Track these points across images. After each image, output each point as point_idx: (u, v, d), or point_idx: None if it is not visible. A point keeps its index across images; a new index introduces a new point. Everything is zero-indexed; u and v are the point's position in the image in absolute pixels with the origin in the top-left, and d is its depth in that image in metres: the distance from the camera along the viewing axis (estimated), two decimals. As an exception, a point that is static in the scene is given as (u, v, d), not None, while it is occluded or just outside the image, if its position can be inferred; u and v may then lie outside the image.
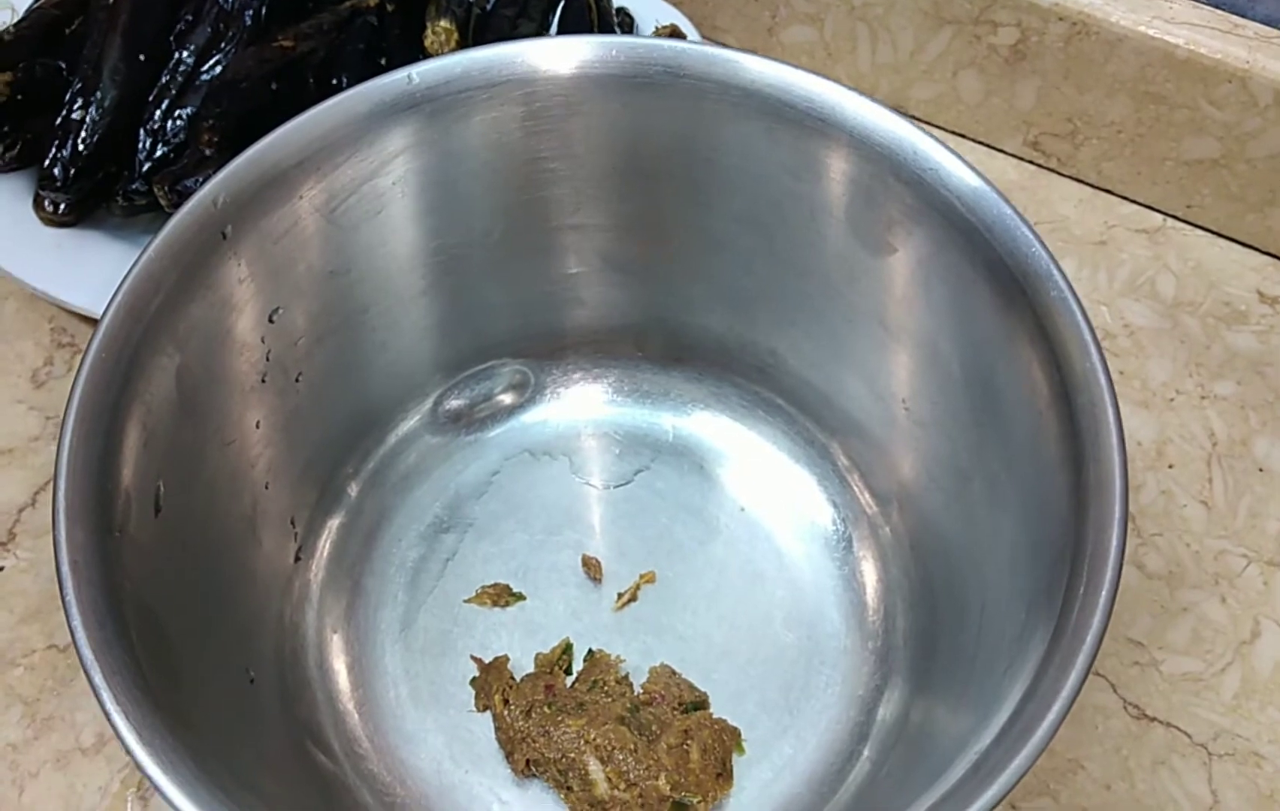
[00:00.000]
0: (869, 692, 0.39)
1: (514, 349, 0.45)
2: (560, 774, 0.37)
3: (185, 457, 0.34)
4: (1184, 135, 0.49)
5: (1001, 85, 0.51)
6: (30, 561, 0.42)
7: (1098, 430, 0.31)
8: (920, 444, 0.40)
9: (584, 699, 0.38)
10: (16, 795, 0.38)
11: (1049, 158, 0.53)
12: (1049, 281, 0.34)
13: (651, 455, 0.44)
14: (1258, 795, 0.38)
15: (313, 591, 0.41)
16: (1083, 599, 0.29)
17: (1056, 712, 0.28)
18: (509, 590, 0.41)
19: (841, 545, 0.42)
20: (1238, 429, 0.45)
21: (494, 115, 0.39)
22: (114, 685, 0.27)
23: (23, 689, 0.40)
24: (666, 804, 0.36)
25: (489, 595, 0.41)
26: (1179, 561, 0.42)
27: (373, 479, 0.43)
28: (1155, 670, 0.40)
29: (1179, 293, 0.49)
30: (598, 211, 0.42)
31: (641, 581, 0.41)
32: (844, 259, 0.40)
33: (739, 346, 0.44)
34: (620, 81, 0.38)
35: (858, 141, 0.37)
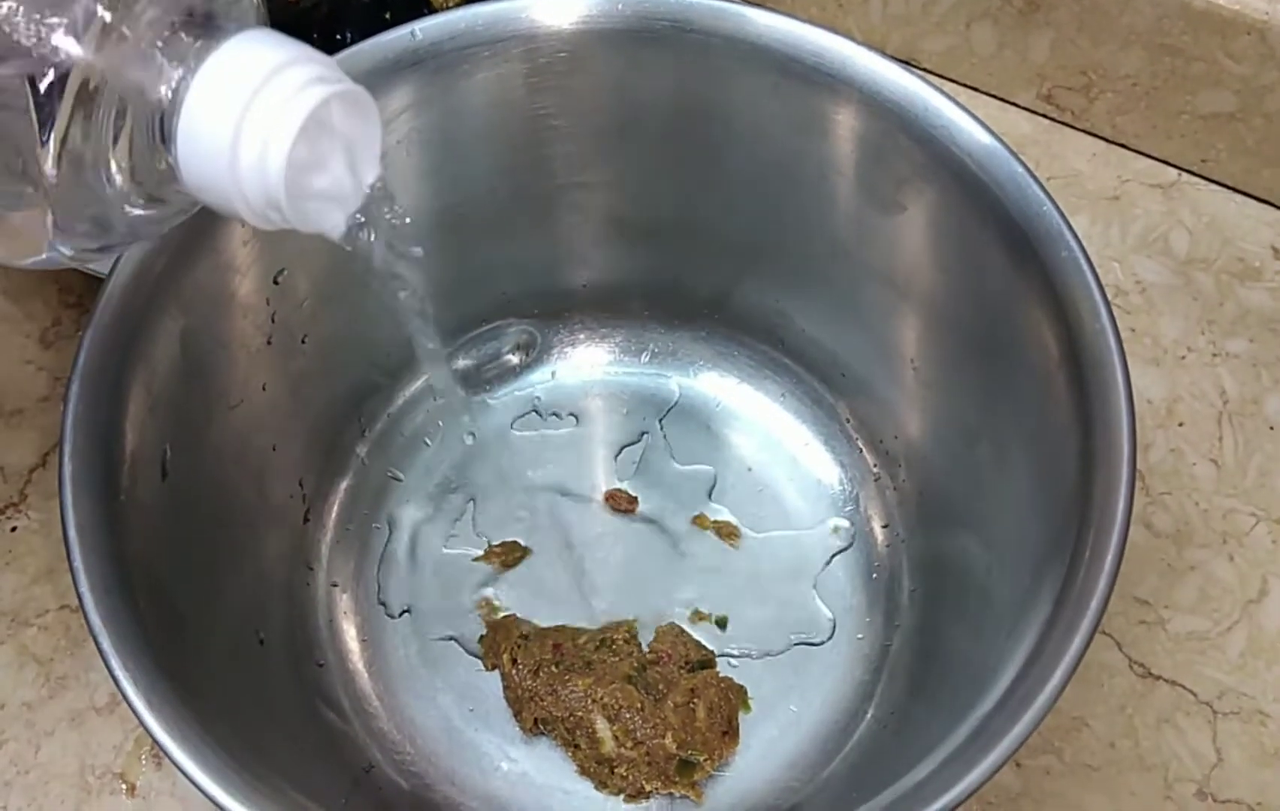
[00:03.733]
0: (875, 652, 0.39)
1: (520, 309, 0.44)
2: (568, 732, 0.37)
3: (192, 421, 0.34)
4: (1200, 88, 0.48)
5: (1015, 37, 0.50)
6: (42, 521, 0.43)
7: (1107, 393, 0.31)
8: (928, 404, 0.40)
9: (591, 658, 0.38)
10: (32, 753, 0.38)
11: (1063, 111, 0.52)
12: (1060, 241, 0.33)
13: (658, 415, 0.44)
14: (1262, 753, 0.38)
15: (321, 552, 0.41)
16: (1089, 562, 0.29)
17: (1061, 675, 0.28)
18: (517, 546, 0.42)
19: (848, 505, 0.42)
20: (1249, 387, 0.45)
21: (497, 72, 0.38)
22: (122, 650, 0.28)
23: (37, 648, 0.40)
24: (673, 761, 0.36)
25: (496, 555, 0.41)
26: (1187, 520, 0.42)
27: (380, 440, 0.43)
28: (1161, 629, 0.40)
29: (1192, 249, 0.49)
30: (603, 169, 0.41)
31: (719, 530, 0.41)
32: (853, 217, 0.39)
33: (746, 306, 0.44)
34: (625, 36, 0.38)
35: (867, 97, 0.36)
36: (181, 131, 0.24)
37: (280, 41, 0.24)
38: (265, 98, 0.23)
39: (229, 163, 0.23)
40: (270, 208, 0.24)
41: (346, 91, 0.25)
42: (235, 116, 0.23)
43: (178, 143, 0.24)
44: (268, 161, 0.23)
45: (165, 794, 0.38)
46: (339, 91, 0.24)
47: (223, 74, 0.24)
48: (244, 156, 0.23)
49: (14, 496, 0.43)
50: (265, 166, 0.24)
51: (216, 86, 0.24)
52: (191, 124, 0.24)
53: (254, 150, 0.23)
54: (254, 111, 0.23)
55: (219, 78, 0.24)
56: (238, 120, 0.23)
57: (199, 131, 0.24)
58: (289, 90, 0.24)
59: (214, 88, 0.24)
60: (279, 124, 0.23)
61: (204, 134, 0.24)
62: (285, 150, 0.23)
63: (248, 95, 0.23)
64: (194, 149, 0.24)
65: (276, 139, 0.23)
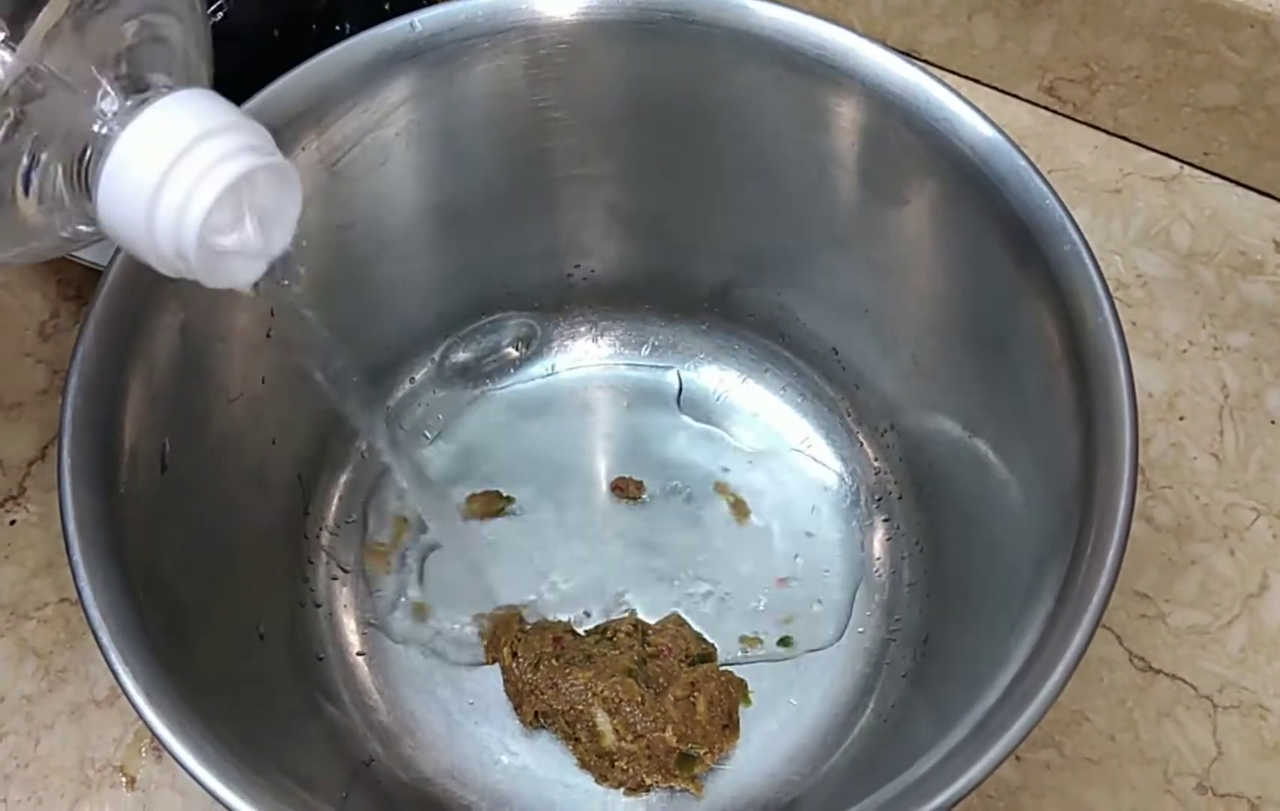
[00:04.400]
0: (875, 645, 0.39)
1: (520, 302, 0.44)
2: (568, 726, 0.37)
3: (191, 414, 0.34)
4: (1203, 81, 0.48)
5: (1017, 29, 0.50)
6: (41, 514, 0.42)
7: (1109, 387, 0.31)
8: (929, 398, 0.40)
9: (592, 651, 0.38)
10: (32, 746, 0.38)
11: (1064, 104, 0.52)
12: (1062, 235, 0.33)
13: (659, 407, 0.44)
14: (1262, 747, 0.38)
15: (321, 546, 0.41)
16: (1091, 557, 0.29)
17: (1063, 670, 0.28)
18: (499, 496, 0.41)
19: (849, 498, 0.42)
20: (1250, 381, 0.45)
21: (498, 63, 0.38)
22: (121, 644, 0.28)
23: (36, 641, 0.40)
24: (673, 755, 0.36)
25: (478, 503, 0.41)
26: (1188, 514, 0.42)
27: (380, 433, 0.43)
28: (1162, 623, 0.40)
29: (1194, 242, 0.49)
30: (603, 161, 0.41)
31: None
32: (854, 210, 0.39)
33: (747, 298, 0.43)
34: (626, 27, 0.38)
35: (869, 90, 0.36)
36: (105, 176, 0.25)
37: (216, 106, 0.25)
38: (192, 158, 0.24)
39: (146, 214, 0.24)
40: (179, 259, 0.25)
41: (273, 165, 0.26)
42: (160, 171, 0.24)
43: (100, 185, 0.25)
44: (185, 219, 0.24)
45: (165, 787, 0.38)
46: (266, 165, 0.25)
47: (154, 128, 0.25)
48: (162, 210, 0.24)
49: (13, 489, 0.43)
50: (181, 223, 0.24)
51: (147, 139, 0.24)
52: (115, 172, 0.24)
53: (173, 206, 0.24)
54: (179, 170, 0.24)
55: (151, 131, 0.24)
56: (162, 175, 0.24)
57: (121, 180, 0.25)
58: (216, 155, 0.24)
59: (144, 140, 0.24)
60: (201, 185, 0.24)
61: (126, 183, 0.24)
62: (204, 210, 0.24)
63: (176, 153, 0.24)
64: (114, 195, 0.25)
65: (196, 199, 0.24)
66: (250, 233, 0.26)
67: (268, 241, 0.26)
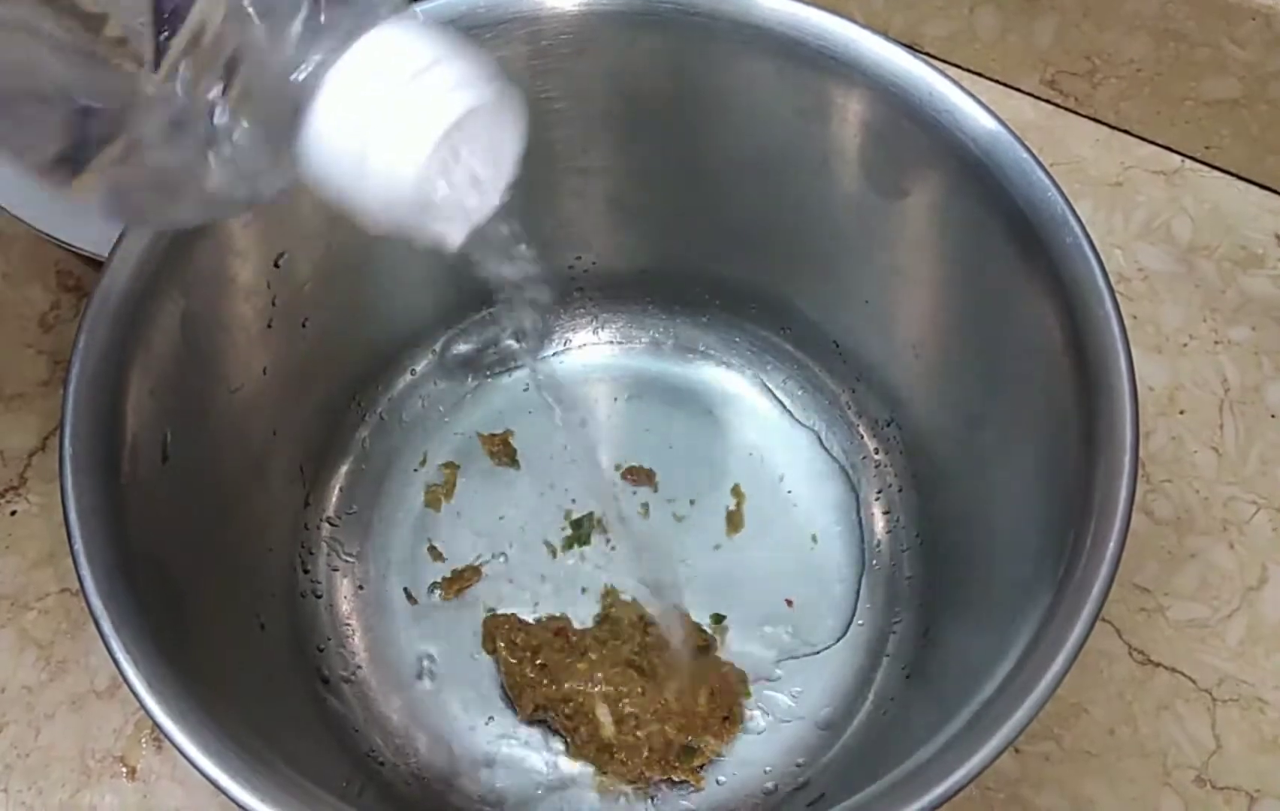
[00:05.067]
0: (875, 637, 0.39)
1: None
2: (568, 718, 0.37)
3: (192, 404, 0.34)
4: (1204, 74, 0.48)
5: (1019, 22, 0.50)
6: (42, 505, 0.43)
7: (1110, 380, 0.31)
8: (931, 390, 0.40)
9: (591, 643, 0.38)
10: (33, 737, 0.38)
11: (1066, 97, 0.52)
12: (1064, 227, 0.33)
13: (660, 400, 0.44)
14: (1261, 740, 0.38)
15: (322, 537, 0.41)
16: (1090, 550, 0.29)
17: (1062, 662, 0.28)
18: (507, 442, 0.42)
19: (850, 491, 0.42)
20: (1251, 375, 0.45)
21: (500, 54, 0.38)
22: (123, 633, 0.28)
23: (37, 632, 0.40)
24: (673, 747, 0.37)
25: (489, 443, 0.42)
26: (1188, 507, 0.42)
27: (381, 424, 0.43)
28: (1161, 616, 0.40)
29: (1195, 236, 0.48)
30: (605, 153, 0.41)
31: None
32: (856, 203, 0.39)
33: (748, 291, 0.43)
34: (629, 18, 0.38)
35: (871, 82, 0.36)
36: (312, 122, 0.22)
37: (427, 35, 0.23)
38: (409, 98, 0.22)
39: (358, 164, 0.22)
40: (393, 220, 0.23)
41: (494, 98, 0.23)
42: (372, 117, 0.22)
43: (306, 132, 0.22)
44: (399, 171, 0.22)
45: (165, 777, 0.38)
46: (485, 100, 0.22)
47: (364, 68, 0.22)
48: (375, 162, 0.22)
49: (14, 480, 0.43)
50: (396, 175, 0.22)
51: (355, 81, 0.22)
52: (323, 116, 0.22)
53: (386, 157, 0.22)
54: (394, 114, 0.22)
55: (359, 72, 0.22)
56: (374, 121, 0.22)
57: (330, 126, 0.22)
58: (432, 91, 0.22)
59: (352, 82, 0.22)
60: (418, 132, 0.22)
61: (335, 130, 0.22)
62: (421, 162, 0.22)
63: (390, 93, 0.21)
64: (322, 142, 0.22)
65: (413, 148, 0.22)
66: (468, 188, 0.23)
67: (484, 193, 0.24)
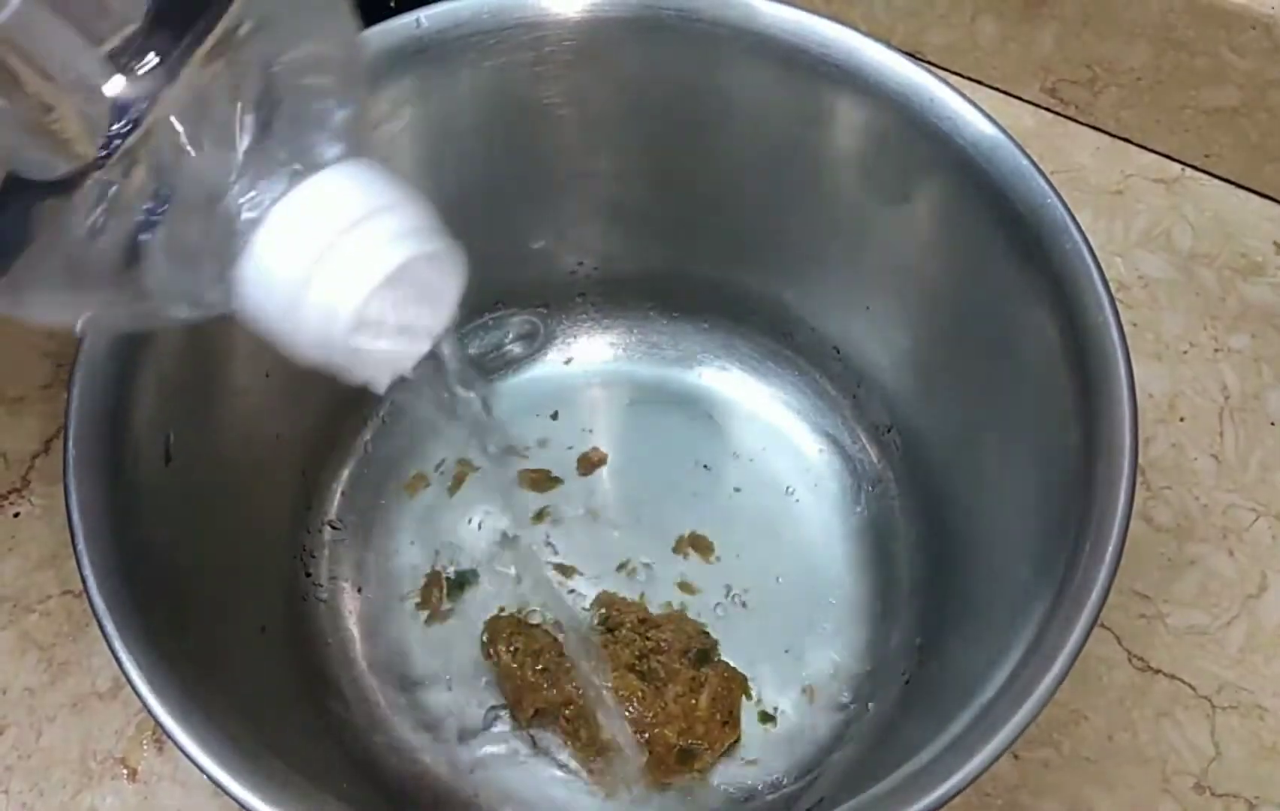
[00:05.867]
0: (874, 642, 0.39)
1: (524, 299, 0.45)
2: (568, 721, 0.37)
3: (195, 407, 0.35)
4: (1204, 83, 0.48)
5: (1020, 30, 0.50)
6: (44, 508, 0.43)
7: (1109, 386, 0.31)
8: (930, 396, 0.40)
9: (591, 646, 0.38)
10: (34, 738, 0.38)
11: (1067, 105, 0.52)
12: (1064, 234, 0.33)
13: (661, 405, 0.44)
14: (1260, 747, 0.38)
15: (324, 541, 0.41)
16: (1089, 555, 0.29)
17: (1060, 667, 0.28)
18: (548, 475, 0.42)
19: (849, 496, 0.42)
20: (1251, 382, 0.45)
21: (503, 61, 0.38)
22: (125, 632, 0.28)
23: (39, 634, 0.40)
24: (673, 751, 0.37)
25: (529, 479, 0.42)
26: (1188, 514, 0.42)
27: (384, 429, 0.43)
28: (1161, 623, 0.40)
29: (1195, 244, 0.49)
30: (608, 159, 0.41)
31: None
32: (857, 209, 0.39)
33: (749, 297, 0.44)
34: (632, 25, 0.38)
35: (873, 89, 0.36)
36: (250, 255, 0.22)
37: (373, 181, 0.23)
38: (350, 244, 0.22)
39: (293, 303, 0.22)
40: (323, 356, 0.23)
41: (434, 251, 0.23)
42: (311, 259, 0.21)
43: (243, 262, 0.22)
44: (333, 315, 0.22)
45: (166, 779, 0.38)
46: (425, 253, 0.23)
47: (308, 209, 0.22)
48: (310, 303, 0.22)
49: (16, 482, 0.43)
50: (331, 318, 0.22)
51: (298, 221, 0.22)
52: (262, 251, 0.22)
53: (321, 299, 0.22)
54: (333, 259, 0.22)
55: (304, 212, 0.22)
56: (313, 264, 0.21)
57: (268, 261, 0.22)
58: (372, 241, 0.22)
59: (295, 222, 0.22)
60: (356, 279, 0.22)
61: (273, 266, 0.22)
62: (356, 307, 0.22)
63: (332, 237, 0.22)
64: (259, 275, 0.22)
65: (350, 294, 0.22)
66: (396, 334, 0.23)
67: (416, 339, 0.24)
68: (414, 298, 0.23)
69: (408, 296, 0.23)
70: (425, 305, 0.24)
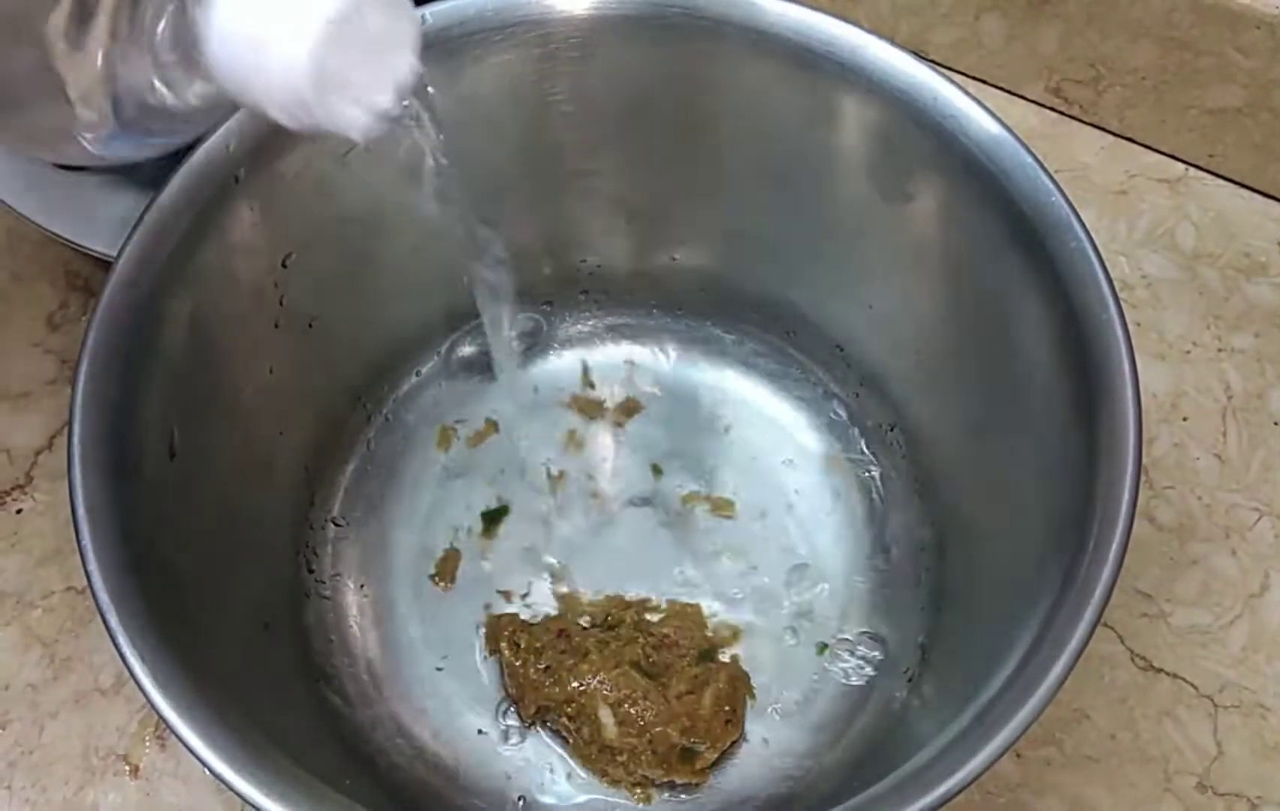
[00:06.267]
0: (877, 642, 0.39)
1: (527, 296, 0.44)
2: (570, 719, 0.37)
3: (199, 403, 0.35)
4: (1209, 83, 0.48)
5: (1024, 29, 0.50)
6: (47, 504, 0.43)
7: (1113, 384, 0.31)
8: (933, 394, 0.40)
9: (593, 645, 0.38)
10: (37, 734, 0.38)
11: (1071, 105, 0.52)
12: (1068, 232, 0.33)
13: (664, 402, 0.44)
14: (1263, 746, 0.38)
15: (327, 537, 0.41)
16: (1093, 554, 0.29)
17: (1063, 665, 0.28)
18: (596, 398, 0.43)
19: (850, 494, 0.42)
20: (1254, 382, 0.45)
21: (508, 57, 0.38)
22: (130, 629, 0.28)
23: (41, 630, 0.40)
24: (676, 750, 0.37)
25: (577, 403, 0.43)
26: (1190, 514, 0.42)
27: (387, 425, 0.43)
28: (1163, 622, 0.40)
29: (1199, 244, 0.49)
30: (611, 156, 0.41)
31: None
32: (860, 206, 0.39)
33: (752, 295, 0.44)
34: (637, 23, 0.38)
35: (877, 87, 0.36)
36: (211, 20, 0.23)
37: None
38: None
39: (255, 55, 0.23)
40: (298, 107, 0.24)
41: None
42: (265, 7, 0.23)
43: (209, 32, 0.23)
44: (291, 61, 0.23)
45: (169, 775, 0.38)
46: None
47: None
48: (270, 49, 0.23)
49: (20, 478, 0.43)
50: (290, 66, 0.23)
51: None
52: (220, 13, 0.23)
53: (279, 49, 0.23)
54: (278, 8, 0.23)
55: None
56: (267, 10, 0.23)
57: (227, 20, 0.23)
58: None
59: None
60: (308, 13, 0.23)
61: (232, 24, 0.23)
62: (313, 41, 0.23)
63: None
64: (222, 39, 0.23)
65: (300, 38, 0.23)
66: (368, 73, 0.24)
67: (381, 81, 0.25)
68: (372, 41, 0.24)
69: (368, 42, 0.24)
70: (388, 50, 0.25)
